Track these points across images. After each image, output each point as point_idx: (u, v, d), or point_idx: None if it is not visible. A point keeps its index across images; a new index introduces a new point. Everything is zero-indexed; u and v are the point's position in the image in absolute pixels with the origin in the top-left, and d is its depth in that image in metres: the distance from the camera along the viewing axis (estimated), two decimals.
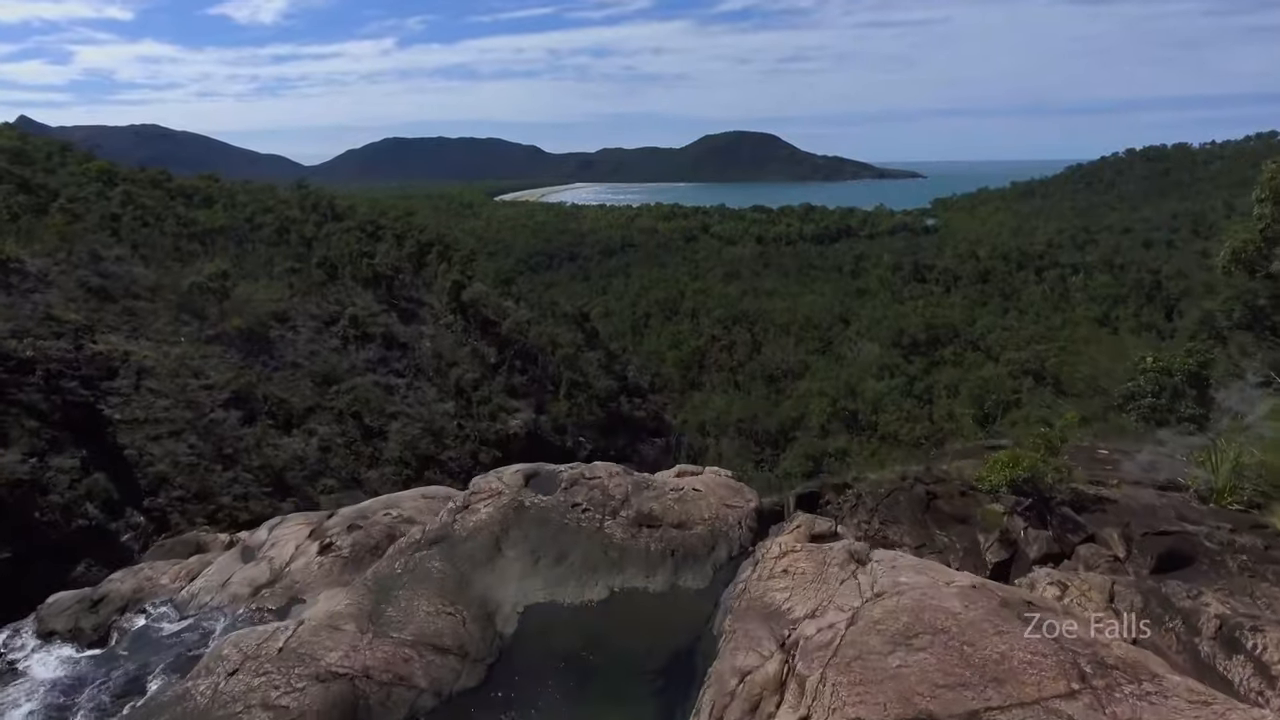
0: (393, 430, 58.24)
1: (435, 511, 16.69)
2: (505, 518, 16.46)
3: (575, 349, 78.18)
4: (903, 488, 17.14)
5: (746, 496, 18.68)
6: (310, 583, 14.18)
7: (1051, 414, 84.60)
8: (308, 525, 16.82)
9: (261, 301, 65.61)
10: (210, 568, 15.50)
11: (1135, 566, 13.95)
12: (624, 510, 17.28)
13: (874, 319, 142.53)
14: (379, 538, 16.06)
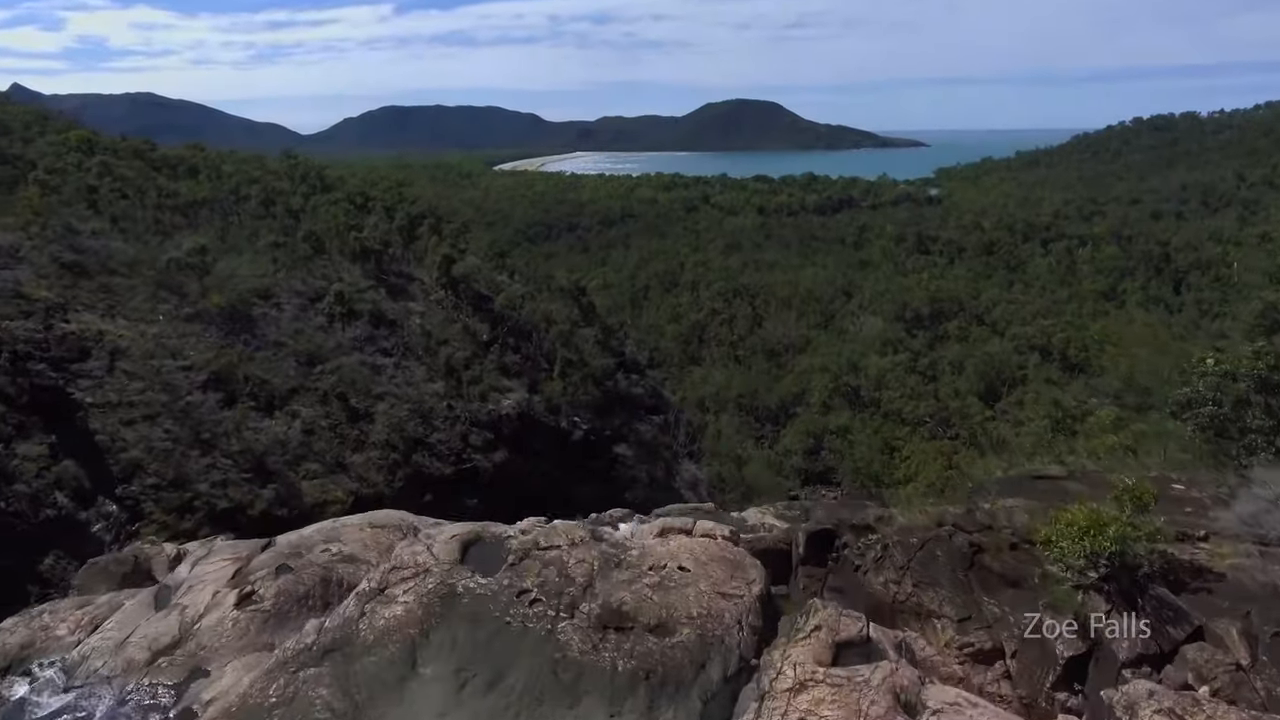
0: (379, 412, 56.17)
1: (382, 548, 14.47)
2: (429, 613, 12.48)
3: (571, 325, 75.96)
4: (939, 537, 13.85)
5: (749, 576, 14.18)
6: (219, 647, 11.75)
7: (1059, 393, 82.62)
8: (235, 561, 14.50)
9: (244, 277, 63.25)
10: (115, 616, 13.17)
11: (1266, 681, 10.67)
12: (586, 603, 13.10)
13: (877, 292, 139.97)
14: (310, 583, 13.49)
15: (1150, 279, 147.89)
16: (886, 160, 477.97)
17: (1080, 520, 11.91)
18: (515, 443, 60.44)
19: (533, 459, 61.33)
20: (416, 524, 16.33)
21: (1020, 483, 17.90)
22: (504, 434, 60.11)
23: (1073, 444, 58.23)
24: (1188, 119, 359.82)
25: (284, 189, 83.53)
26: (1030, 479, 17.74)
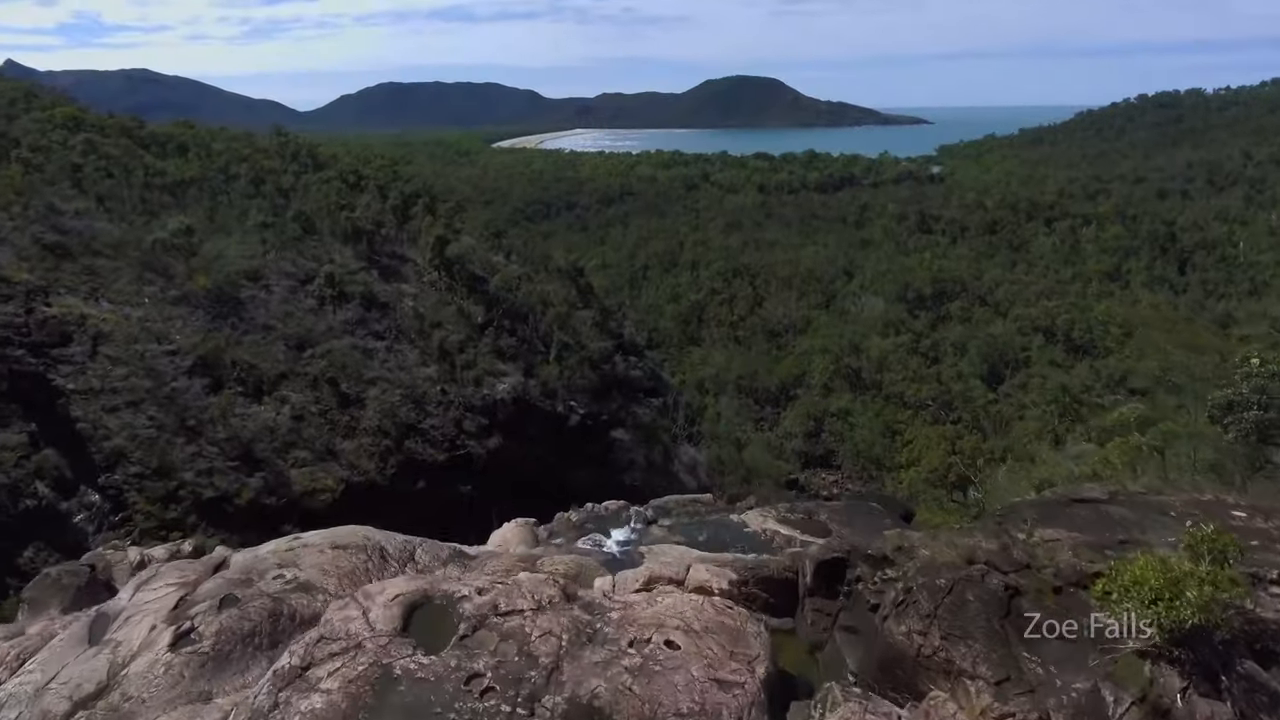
0: (371, 397, 54.93)
1: (343, 574, 13.07)
2: (356, 705, 10.01)
3: (568, 307, 74.56)
4: (971, 578, 11.74)
5: (751, 651, 11.65)
6: (147, 698, 10.25)
7: (1064, 376, 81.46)
8: (180, 586, 13.06)
9: (232, 259, 61.76)
10: (43, 653, 11.82)
11: None
12: (550, 693, 10.45)
13: (878, 272, 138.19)
14: (258, 619, 11.91)
15: (1155, 259, 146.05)
16: (888, 137, 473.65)
17: (1150, 578, 9.64)
18: (510, 428, 59.27)
19: (528, 444, 60.19)
20: (384, 544, 14.86)
21: (1056, 507, 15.71)
22: (499, 419, 58.93)
23: (1080, 429, 57.17)
24: (1193, 95, 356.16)
25: (275, 167, 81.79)
26: (1067, 503, 15.65)
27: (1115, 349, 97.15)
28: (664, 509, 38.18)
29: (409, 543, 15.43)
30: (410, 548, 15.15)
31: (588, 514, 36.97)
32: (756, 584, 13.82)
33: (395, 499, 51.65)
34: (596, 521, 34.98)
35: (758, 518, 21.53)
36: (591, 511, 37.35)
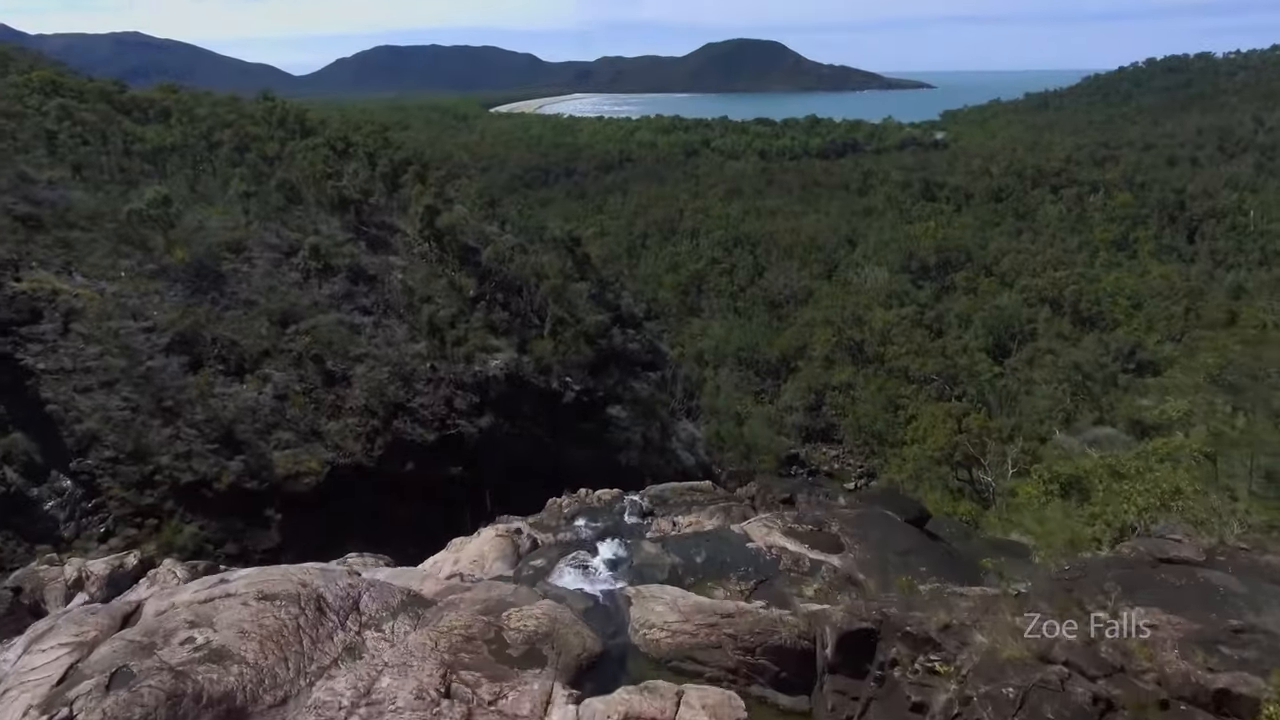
0: (357, 375, 53.00)
1: (267, 635, 11.01)
2: None
3: (563, 279, 72.30)
4: (1047, 686, 9.16)
5: None
6: None
7: (1075, 352, 79.33)
8: (74, 649, 10.72)
9: (213, 230, 59.48)
10: None
11: None
12: None
13: (881, 241, 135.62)
14: (152, 704, 9.75)
15: (1164, 227, 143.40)
16: (891, 102, 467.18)
17: None
18: (503, 406, 57.43)
19: (521, 423, 58.40)
20: (323, 591, 12.65)
21: (1141, 570, 12.68)
22: (491, 397, 57.07)
23: (1092, 408, 55.39)
24: (1202, 60, 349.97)
25: (260, 134, 79.02)
26: (1153, 563, 12.51)
27: (1124, 321, 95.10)
28: (661, 498, 36.45)
29: (353, 588, 13.06)
30: (355, 593, 12.90)
31: (580, 504, 35.16)
32: (764, 654, 11.73)
33: (383, 481, 50.02)
34: (589, 514, 33.19)
35: (761, 529, 19.61)
36: (584, 502, 35.55)
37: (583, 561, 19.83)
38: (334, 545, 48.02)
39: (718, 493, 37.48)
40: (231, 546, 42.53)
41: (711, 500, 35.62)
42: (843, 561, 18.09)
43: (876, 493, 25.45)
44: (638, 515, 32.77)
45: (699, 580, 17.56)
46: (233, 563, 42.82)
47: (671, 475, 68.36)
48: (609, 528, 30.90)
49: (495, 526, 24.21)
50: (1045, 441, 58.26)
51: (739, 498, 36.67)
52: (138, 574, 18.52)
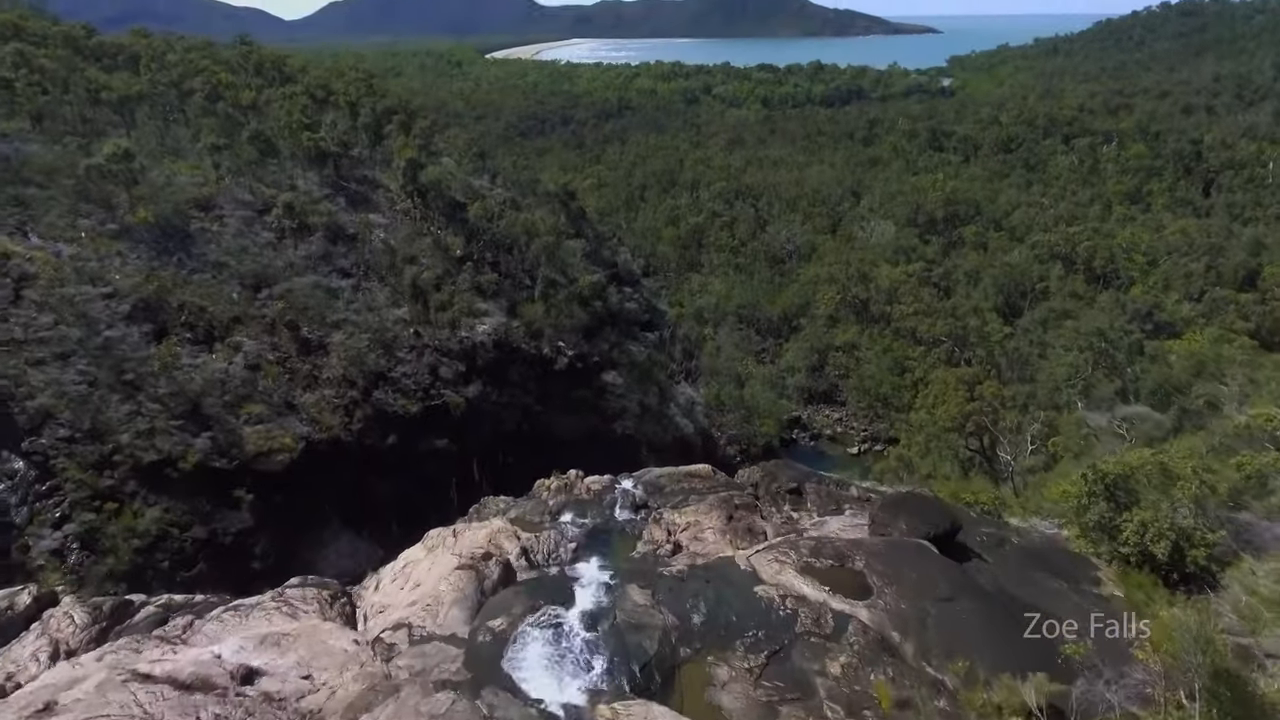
0: (335, 343, 49.90)
1: None
2: None
3: (556, 236, 68.66)
4: None
5: None
6: None
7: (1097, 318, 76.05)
8: None
9: (181, 186, 55.79)
10: None
11: None
12: None
13: (888, 193, 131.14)
14: None
15: (1179, 179, 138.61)
16: (897, 47, 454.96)
17: None
18: (491, 374, 54.47)
19: (510, 391, 55.51)
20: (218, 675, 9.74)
21: None
22: (478, 364, 54.07)
23: (1113, 378, 52.38)
24: (1218, 3, 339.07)
25: (234, 82, 74.56)
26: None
27: (1139, 279, 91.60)
28: (655, 485, 33.66)
29: None
30: None
31: (568, 493, 32.31)
32: None
33: (363, 456, 47.32)
34: (577, 507, 30.36)
35: (771, 565, 16.69)
36: (573, 490, 32.72)
37: (554, 619, 16.59)
38: (310, 526, 45.62)
39: (717, 478, 34.74)
40: (199, 530, 39.95)
41: (710, 488, 32.87)
42: (873, 614, 15.26)
43: (899, 497, 22.47)
44: (629, 508, 30.01)
45: (697, 654, 14.65)
46: (201, 549, 40.35)
47: (669, 443, 65.83)
48: (598, 526, 28.16)
49: (453, 573, 20.87)
50: (1062, 410, 55.49)
51: (740, 485, 34.00)
52: (31, 615, 15.84)
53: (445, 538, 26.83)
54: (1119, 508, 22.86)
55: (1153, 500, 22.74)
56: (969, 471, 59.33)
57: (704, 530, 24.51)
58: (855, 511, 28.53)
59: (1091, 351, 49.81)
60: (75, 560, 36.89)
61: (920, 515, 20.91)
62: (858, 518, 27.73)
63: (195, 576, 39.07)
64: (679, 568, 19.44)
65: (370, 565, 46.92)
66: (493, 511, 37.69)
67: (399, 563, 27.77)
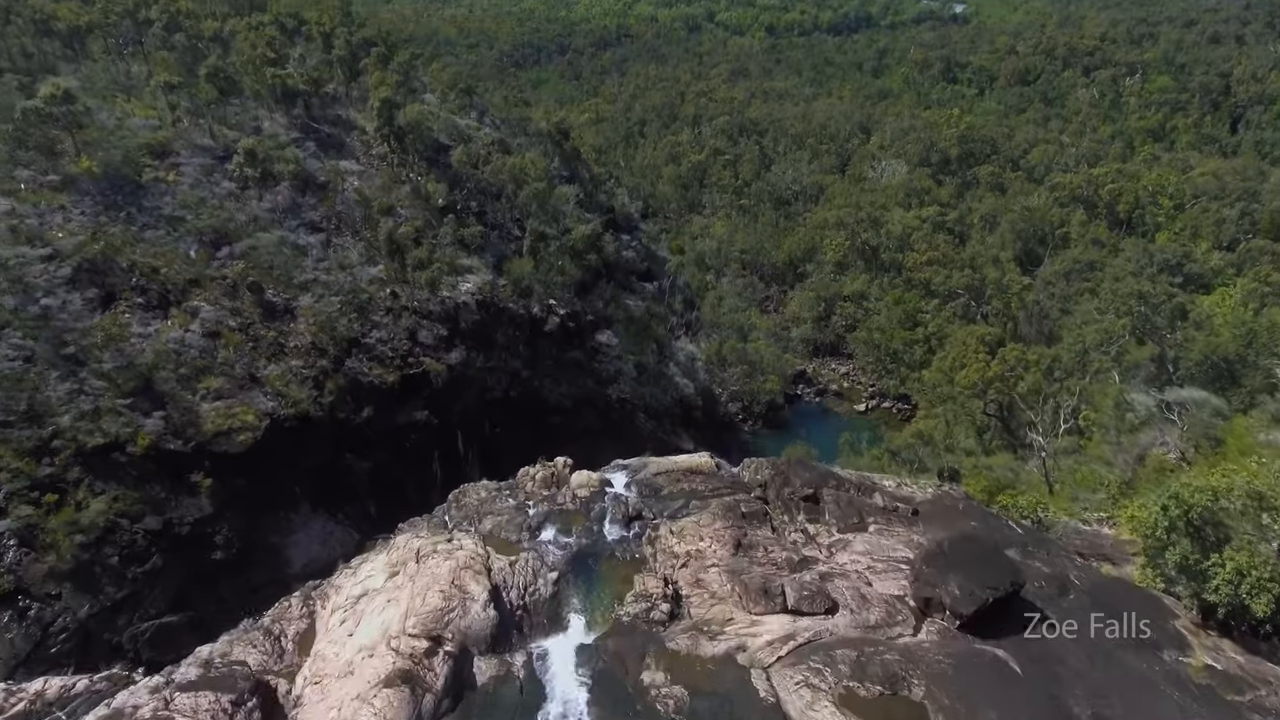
0: (303, 306, 45.65)
1: None
2: None
3: (547, 182, 63.64)
4: None
5: None
6: None
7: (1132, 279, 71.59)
8: None
9: (136, 130, 50.71)
10: None
11: None
12: None
13: (899, 129, 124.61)
14: None
15: (1205, 114, 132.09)
16: None
17: None
18: (475, 337, 50.36)
19: (497, 356, 51.52)
20: None
21: None
22: (461, 327, 49.91)
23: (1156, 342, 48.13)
24: None
25: (194, 10, 68.38)
26: None
27: (1166, 225, 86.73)
28: (652, 487, 29.74)
29: None
30: None
31: (549, 505, 28.28)
32: None
33: (335, 432, 43.57)
34: (560, 521, 26.60)
35: (801, 696, 13.03)
36: (555, 503, 28.71)
37: None
38: (277, 511, 42.10)
39: (720, 475, 30.90)
40: (152, 520, 36.42)
41: (713, 489, 29.10)
42: None
43: (949, 542, 18.57)
44: (620, 522, 26.25)
45: None
46: (155, 541, 36.83)
47: (668, 405, 62.16)
48: (584, 548, 24.49)
49: (392, 674, 17.03)
50: (1090, 375, 51.61)
51: (747, 484, 30.25)
52: None
53: (407, 562, 23.22)
54: (1206, 547, 19.11)
55: (1247, 539, 18.99)
56: (986, 436, 55.90)
57: (707, 566, 20.83)
58: (881, 526, 24.85)
59: (1131, 317, 45.66)
60: (12, 559, 33.42)
61: (976, 573, 17.17)
62: (885, 537, 24.07)
63: (149, 571, 35.75)
64: (671, 690, 15.50)
65: (344, 552, 43.77)
66: (472, 504, 34.13)
67: (354, 586, 24.33)
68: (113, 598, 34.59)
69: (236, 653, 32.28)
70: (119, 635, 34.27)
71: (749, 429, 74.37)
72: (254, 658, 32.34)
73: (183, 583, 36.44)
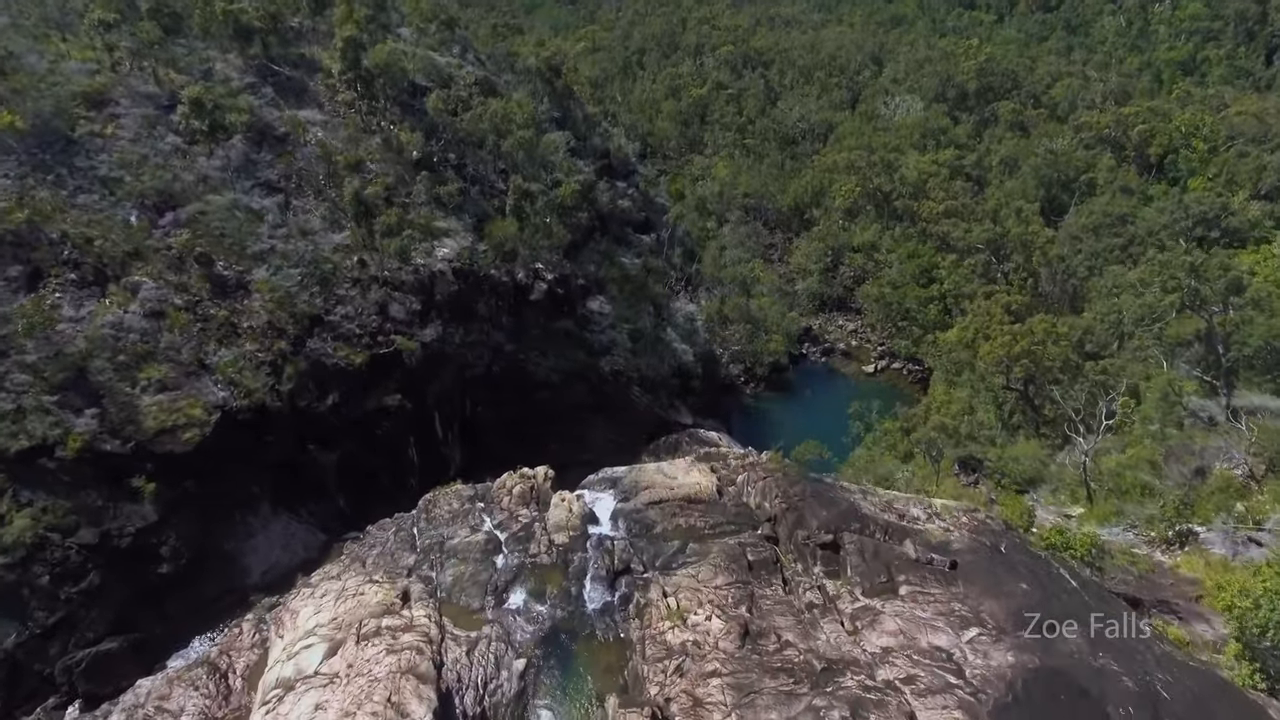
0: (259, 280, 41.03)
1: None
2: None
3: (535, 129, 58.12)
4: None
5: None
6: None
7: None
8: None
9: (69, 76, 45.12)
10: None
11: None
12: None
13: (913, 61, 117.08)
14: None
15: (1239, 45, 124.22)
16: None
17: None
18: (453, 309, 45.85)
19: (478, 328, 47.10)
20: None
21: None
22: (437, 299, 45.34)
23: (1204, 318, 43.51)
24: None
25: None
26: None
27: (1199, 169, 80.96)
28: (644, 524, 25.52)
29: None
30: None
31: (519, 559, 23.91)
32: None
33: (297, 422, 39.48)
34: (533, 577, 22.64)
35: None
36: (529, 553, 24.55)
37: None
38: (232, 513, 38.24)
39: (723, 505, 26.81)
40: (87, 533, 32.63)
41: (714, 526, 25.06)
42: None
43: (1023, 683, 14.49)
44: (605, 580, 22.28)
45: None
46: (91, 556, 33.02)
47: (665, 375, 57.85)
48: (559, 622, 20.64)
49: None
50: (1127, 352, 47.31)
51: (754, 518, 26.19)
52: None
53: (347, 641, 19.39)
54: None
55: None
56: (1006, 408, 51.90)
57: (707, 675, 16.87)
58: (914, 588, 20.93)
59: (1180, 293, 41.09)
60: None
61: None
62: (921, 606, 20.15)
63: (85, 591, 32.09)
64: None
65: (309, 556, 40.16)
66: (443, 516, 30.39)
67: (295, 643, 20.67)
68: (43, 623, 31.01)
69: (175, 696, 28.88)
70: (51, 666, 30.83)
71: (751, 391, 70.41)
72: (195, 701, 28.86)
73: (125, 602, 32.85)
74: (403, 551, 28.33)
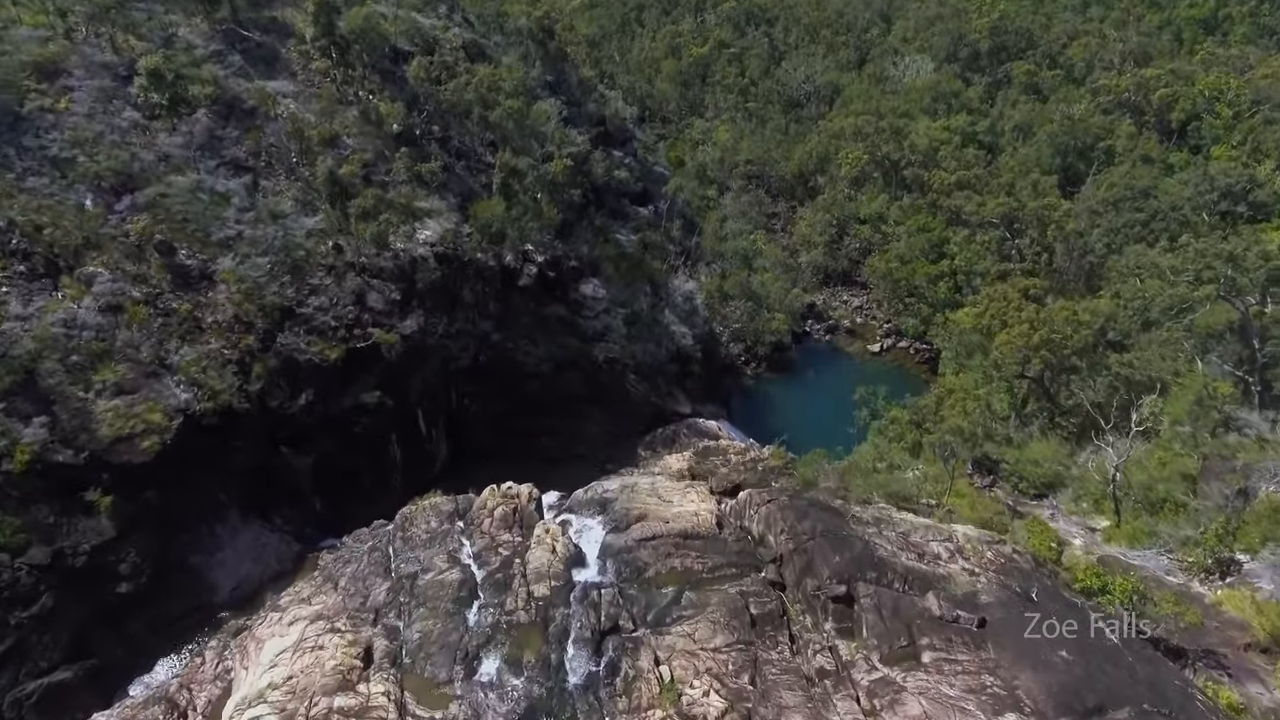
0: (224, 270, 38.17)
1: None
2: None
3: (525, 98, 54.66)
4: None
5: None
6: None
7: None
8: None
9: (18, 44, 41.71)
10: None
11: None
12: None
13: (924, 18, 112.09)
14: None
15: (1262, 2, 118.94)
16: None
17: None
18: (436, 297, 43.04)
19: (463, 317, 44.34)
20: None
21: None
22: (418, 287, 42.50)
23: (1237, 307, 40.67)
24: None
25: None
26: None
27: (1223, 137, 77.31)
28: (636, 567, 23.06)
29: None
30: None
31: (494, 615, 21.32)
32: None
33: (267, 424, 36.94)
34: (507, 638, 20.23)
35: None
36: (505, 609, 21.96)
37: None
38: (198, 524, 35.83)
39: (722, 543, 24.32)
40: (38, 551, 30.28)
41: (712, 571, 22.44)
42: None
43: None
44: (589, 643, 19.84)
45: None
46: (43, 577, 30.70)
47: (662, 361, 55.15)
48: (536, 701, 18.28)
49: None
50: (1154, 344, 44.61)
51: (757, 561, 23.72)
52: None
53: (297, 714, 17.05)
54: None
55: None
56: (1025, 405, 49.41)
57: None
58: (939, 653, 18.58)
59: (1217, 284, 38.20)
60: None
61: None
62: (947, 681, 17.84)
63: (37, 616, 29.85)
64: None
65: (281, 568, 37.89)
66: (419, 537, 28.14)
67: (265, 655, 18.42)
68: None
69: None
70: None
71: (752, 372, 67.91)
72: None
73: (81, 625, 30.63)
74: (375, 578, 26.05)
